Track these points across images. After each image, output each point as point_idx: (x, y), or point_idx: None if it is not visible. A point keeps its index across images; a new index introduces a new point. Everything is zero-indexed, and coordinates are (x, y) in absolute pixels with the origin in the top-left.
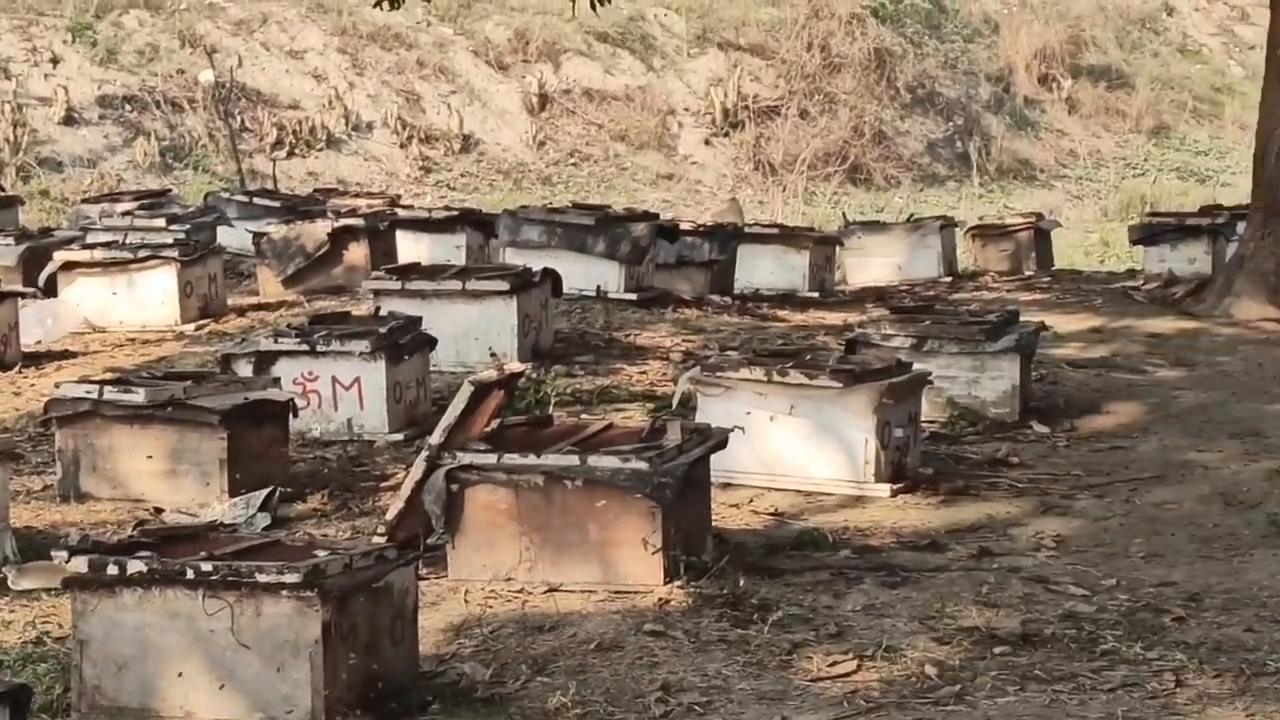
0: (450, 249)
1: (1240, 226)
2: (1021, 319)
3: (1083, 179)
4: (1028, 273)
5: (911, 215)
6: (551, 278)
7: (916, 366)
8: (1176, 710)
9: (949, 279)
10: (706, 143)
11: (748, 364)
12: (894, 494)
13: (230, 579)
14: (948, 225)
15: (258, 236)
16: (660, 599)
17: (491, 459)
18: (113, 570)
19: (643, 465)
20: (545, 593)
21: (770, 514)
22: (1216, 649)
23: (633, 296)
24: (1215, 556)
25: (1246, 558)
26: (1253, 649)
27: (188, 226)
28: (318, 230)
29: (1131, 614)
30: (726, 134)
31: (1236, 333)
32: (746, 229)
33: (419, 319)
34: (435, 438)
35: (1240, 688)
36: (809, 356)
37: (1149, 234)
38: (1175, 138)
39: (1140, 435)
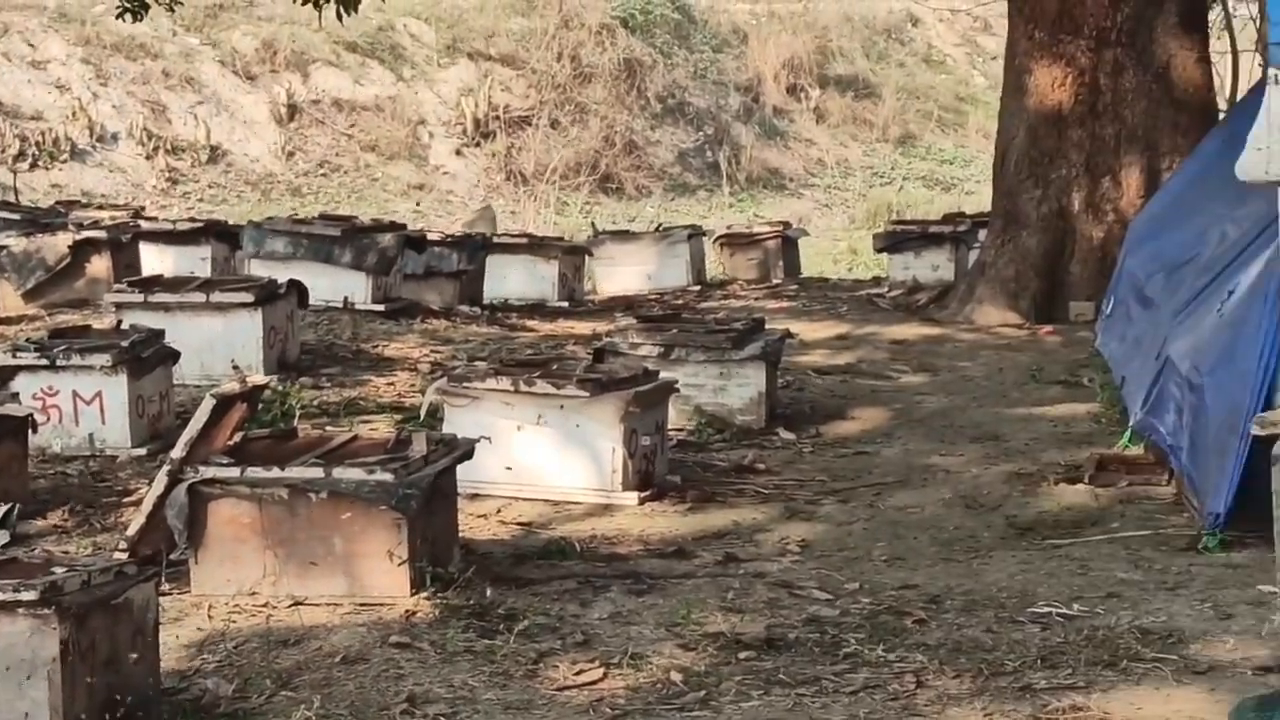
0: (195, 261)
1: (982, 234)
2: (768, 327)
3: (831, 188)
4: (775, 281)
5: (660, 225)
6: (297, 289)
7: (663, 375)
8: (917, 711)
9: (698, 288)
10: (458, 153)
11: (494, 374)
12: (641, 502)
13: None
14: (696, 234)
15: None
16: (406, 611)
17: (235, 472)
18: None
19: (388, 477)
20: (290, 606)
21: (518, 524)
22: (956, 650)
23: (380, 307)
24: (955, 559)
25: (986, 559)
26: (991, 649)
27: None
28: (59, 243)
29: (874, 617)
30: (478, 144)
31: (978, 338)
32: (495, 239)
33: (162, 332)
34: (177, 452)
35: (979, 687)
36: (556, 366)
37: (893, 241)
38: (921, 146)
39: (884, 440)
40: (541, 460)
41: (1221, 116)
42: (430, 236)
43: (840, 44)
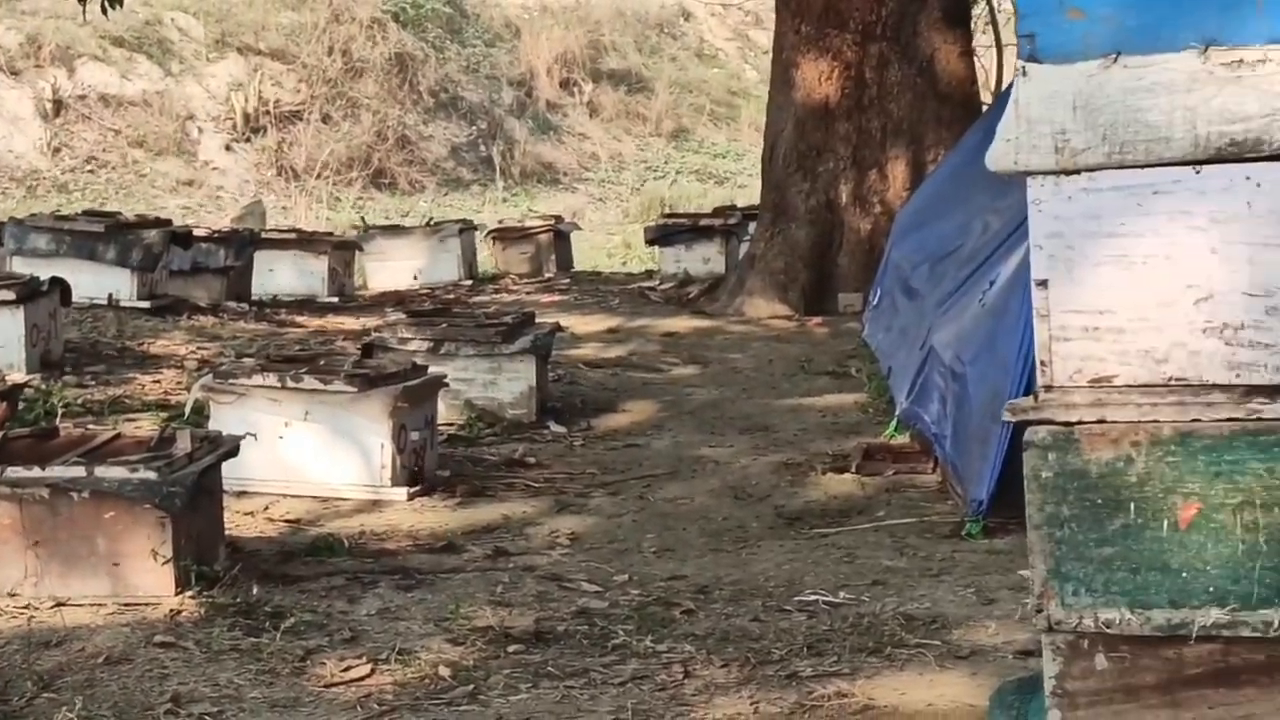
0: None
1: (752, 226)
2: (538, 320)
3: (605, 182)
4: (548, 275)
5: (431, 219)
6: (60, 286)
7: (433, 369)
8: (685, 701)
9: (469, 282)
10: (228, 148)
11: (261, 370)
12: (411, 497)
13: None
14: (468, 229)
15: None
16: (171, 610)
17: None
18: None
19: (151, 475)
20: (52, 608)
21: (285, 521)
22: (724, 639)
23: (146, 304)
24: (724, 549)
25: (754, 549)
26: (758, 638)
27: None
28: None
29: (643, 608)
30: (248, 139)
31: (748, 330)
32: (264, 234)
33: None
34: None
35: (746, 676)
36: (324, 362)
37: (664, 235)
38: (694, 140)
39: (654, 432)
40: (309, 457)
41: (985, 109)
42: (197, 232)
43: (613, 38)
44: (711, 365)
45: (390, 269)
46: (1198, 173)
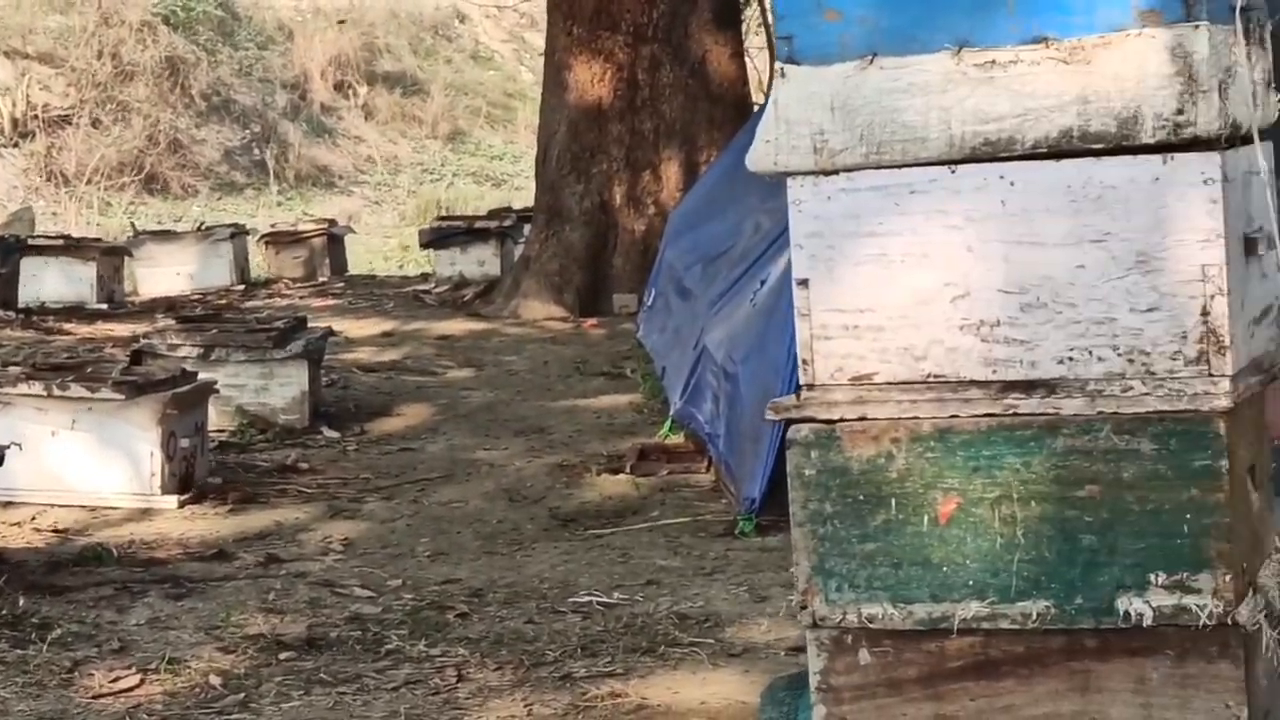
0: None
1: (528, 229)
2: (311, 325)
3: (381, 185)
4: (322, 279)
5: (203, 224)
6: None
7: (203, 376)
8: (458, 704)
9: (242, 287)
10: None
11: (26, 378)
12: (182, 505)
13: None
14: (240, 233)
15: None
16: None
17: None
18: None
19: None
20: None
21: (53, 531)
22: (498, 642)
23: None
24: (499, 552)
25: (529, 552)
26: (532, 640)
27: None
28: None
29: (416, 613)
30: (16, 145)
31: (524, 332)
32: (30, 240)
33: None
34: None
35: (520, 678)
36: (91, 369)
37: (438, 237)
38: (471, 143)
39: (429, 436)
40: (77, 466)
41: (756, 110)
42: None
43: (388, 41)
44: (487, 368)
45: (161, 274)
46: (953, 172)
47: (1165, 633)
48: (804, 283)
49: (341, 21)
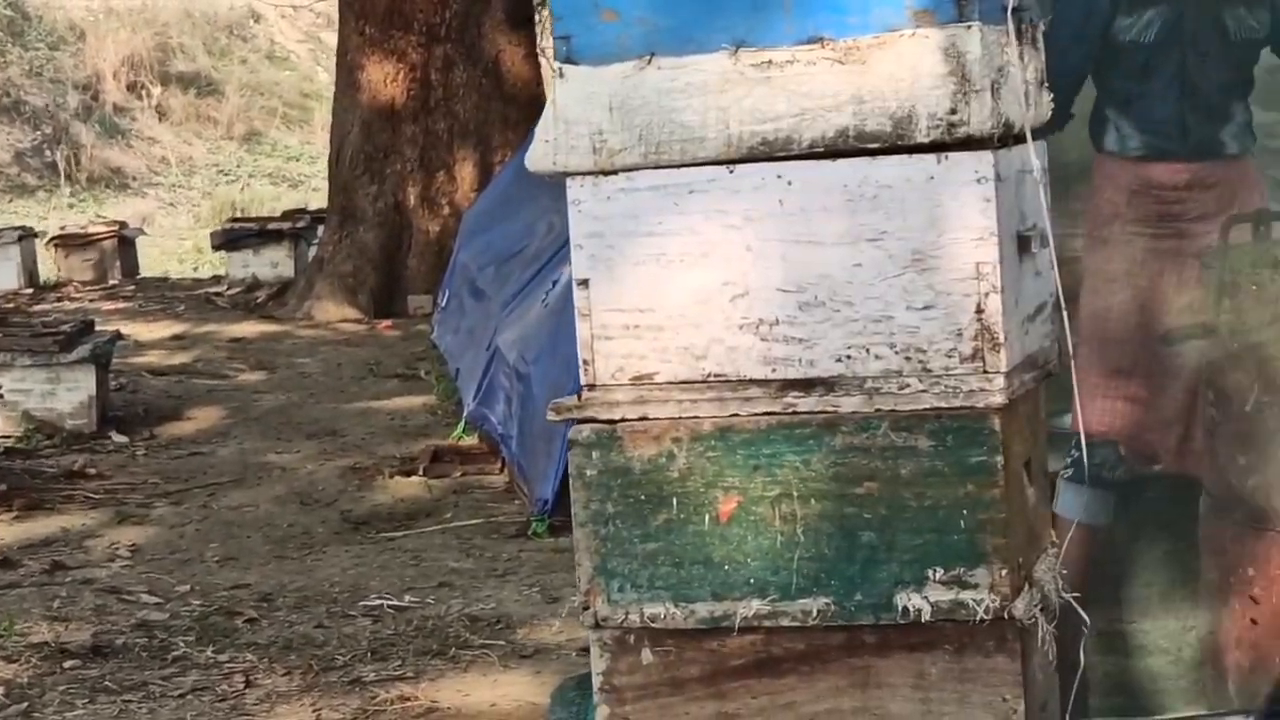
0: None
1: (321, 230)
2: (100, 328)
3: (176, 186)
4: (113, 282)
5: None
6: None
7: None
8: (246, 710)
9: (30, 290)
10: None
11: None
12: None
13: None
14: (27, 235)
15: None
16: None
17: None
18: None
19: None
20: None
21: None
22: (287, 647)
23: None
24: (289, 556)
25: (319, 555)
26: (322, 644)
27: None
28: None
29: (204, 618)
30: None
31: (317, 334)
32: None
33: None
34: None
35: (309, 683)
36: None
37: (230, 239)
38: (267, 143)
39: (220, 440)
40: None
41: None
42: None
43: (181, 40)
44: (279, 370)
45: None
46: (731, 172)
47: (943, 628)
48: (584, 283)
49: None
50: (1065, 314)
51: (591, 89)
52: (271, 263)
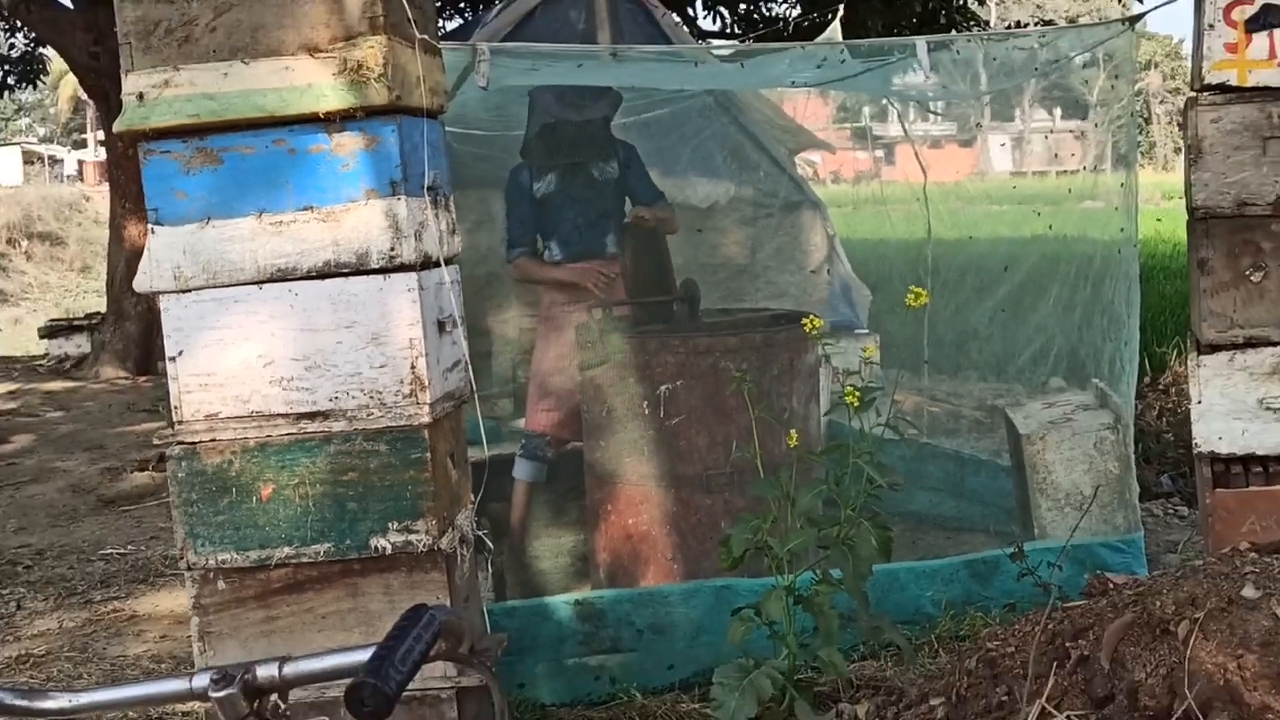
0: None
1: (104, 324)
2: None
3: (38, 300)
4: None
5: None
6: None
7: None
8: (15, 624)
9: None
10: None
11: None
12: None
13: None
14: None
15: None
16: None
17: None
18: None
19: None
20: None
21: None
22: (48, 583)
23: None
24: (60, 525)
25: (80, 523)
26: (70, 580)
27: None
28: None
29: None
30: None
31: (101, 387)
32: None
33: None
34: None
35: (57, 604)
36: None
37: (51, 330)
38: (94, 274)
39: (28, 453)
40: None
41: None
42: None
43: (40, 212)
44: (72, 410)
45: None
46: (260, 289)
47: (401, 557)
48: (174, 358)
49: None
50: (470, 367)
51: (172, 240)
52: (76, 345)
